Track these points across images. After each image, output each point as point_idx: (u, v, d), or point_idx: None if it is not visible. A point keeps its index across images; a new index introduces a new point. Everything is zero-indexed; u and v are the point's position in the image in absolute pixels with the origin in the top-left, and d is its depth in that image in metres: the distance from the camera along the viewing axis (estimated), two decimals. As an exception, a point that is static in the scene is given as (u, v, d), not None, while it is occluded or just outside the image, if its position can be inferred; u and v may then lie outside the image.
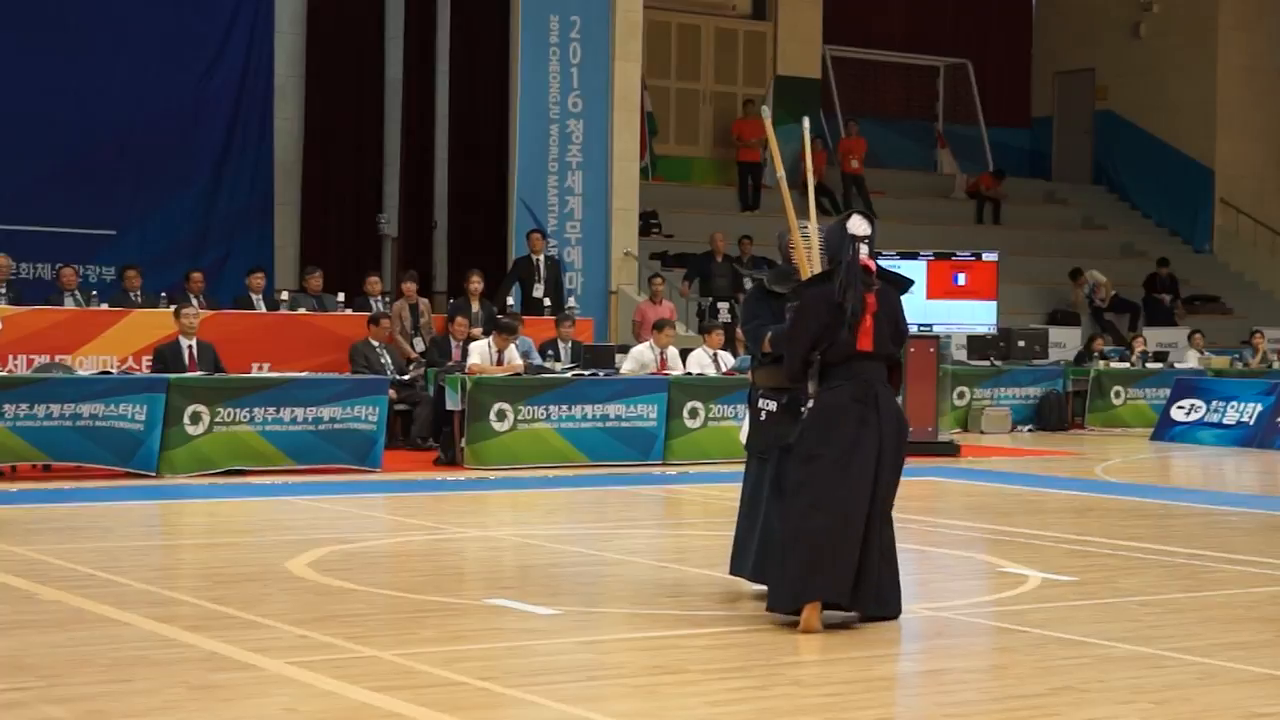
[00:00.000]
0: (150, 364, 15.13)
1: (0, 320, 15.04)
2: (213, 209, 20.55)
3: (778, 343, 7.75)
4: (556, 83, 20.56)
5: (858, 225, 7.54)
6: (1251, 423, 19.02)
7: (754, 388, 8.01)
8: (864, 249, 7.50)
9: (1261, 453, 18.23)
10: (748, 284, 20.53)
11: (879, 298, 7.49)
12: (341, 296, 18.05)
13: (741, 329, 8.89)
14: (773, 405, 7.86)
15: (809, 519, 7.31)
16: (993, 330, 18.08)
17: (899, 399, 7.79)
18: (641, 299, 20.01)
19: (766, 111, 8.41)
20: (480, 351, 15.61)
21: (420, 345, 17.71)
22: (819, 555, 7.26)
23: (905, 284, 7.80)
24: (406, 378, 16.72)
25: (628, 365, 16.31)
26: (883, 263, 7.83)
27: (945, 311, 17.03)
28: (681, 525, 12.26)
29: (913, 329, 16.81)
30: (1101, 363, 21.75)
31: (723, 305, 20.64)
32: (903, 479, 7.63)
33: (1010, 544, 10.42)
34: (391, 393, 15.32)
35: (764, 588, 7.70)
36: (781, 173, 8.19)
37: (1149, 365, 21.96)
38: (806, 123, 8.35)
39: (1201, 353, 22.64)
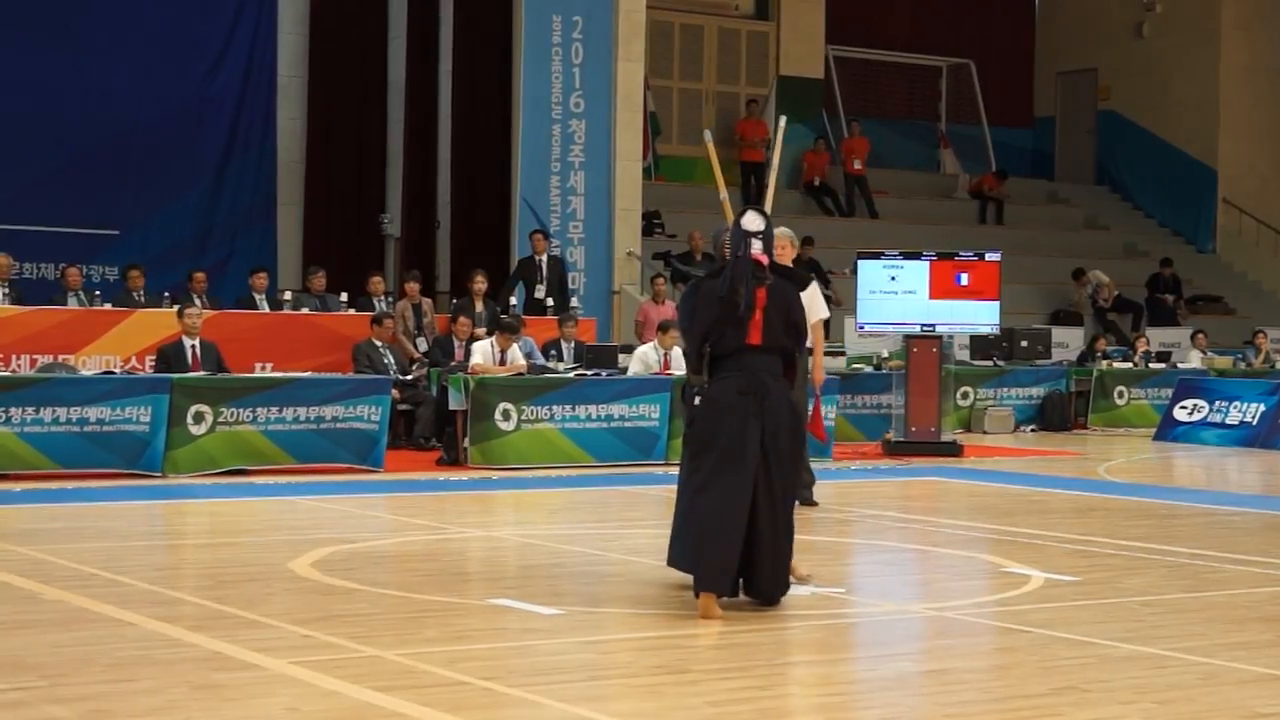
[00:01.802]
0: (154, 364, 15.14)
1: None
2: (216, 209, 20.56)
3: None
4: (559, 82, 20.56)
5: (751, 221, 7.78)
6: (1254, 423, 19.01)
7: (689, 384, 8.05)
8: (756, 244, 7.70)
9: (1264, 453, 18.21)
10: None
11: (770, 293, 7.70)
12: (344, 296, 18.07)
13: (679, 326, 9.04)
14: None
15: (696, 510, 7.62)
16: (995, 330, 18.05)
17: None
18: (644, 299, 20.00)
19: (784, 122, 8.55)
20: (483, 351, 15.62)
21: (423, 345, 17.71)
22: (704, 545, 7.52)
23: (803, 280, 8.06)
24: (409, 378, 16.72)
25: (633, 367, 16.33)
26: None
27: (948, 311, 17.00)
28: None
29: (916, 329, 16.90)
30: (1104, 363, 21.75)
31: None
32: (906, 479, 7.65)
33: (1013, 544, 10.42)
34: (394, 393, 15.31)
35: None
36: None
37: (1152, 365, 21.95)
38: (783, 121, 8.53)
39: (1204, 353, 22.63)
